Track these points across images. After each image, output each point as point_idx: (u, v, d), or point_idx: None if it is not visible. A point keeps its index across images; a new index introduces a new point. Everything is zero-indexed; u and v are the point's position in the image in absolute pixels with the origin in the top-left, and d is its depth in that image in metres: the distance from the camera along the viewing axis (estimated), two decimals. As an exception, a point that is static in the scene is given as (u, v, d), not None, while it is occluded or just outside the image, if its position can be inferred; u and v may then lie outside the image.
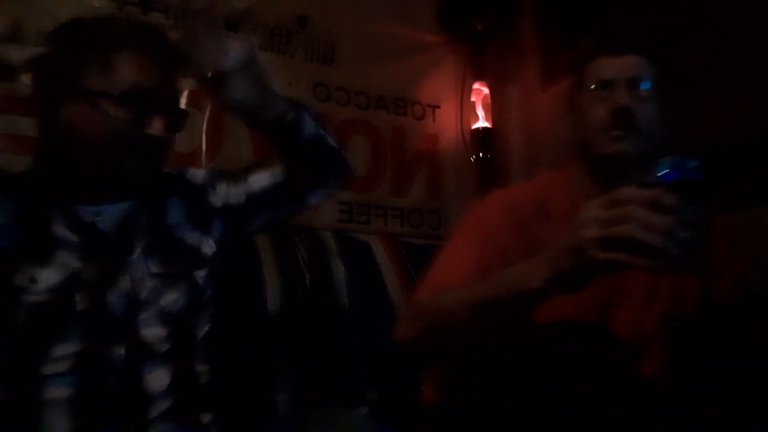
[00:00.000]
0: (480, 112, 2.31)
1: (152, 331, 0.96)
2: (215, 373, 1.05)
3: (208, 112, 1.86)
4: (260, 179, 1.14)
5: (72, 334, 0.90)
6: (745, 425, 1.02)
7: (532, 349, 0.99)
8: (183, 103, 1.08)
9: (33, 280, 0.90)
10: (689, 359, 1.18)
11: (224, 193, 1.13)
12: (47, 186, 0.98)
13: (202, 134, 1.85)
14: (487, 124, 2.31)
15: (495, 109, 2.34)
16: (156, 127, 0.96)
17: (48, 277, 0.91)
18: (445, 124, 2.31)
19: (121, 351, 0.92)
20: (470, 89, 2.32)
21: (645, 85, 1.09)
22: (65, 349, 0.89)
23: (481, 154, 2.29)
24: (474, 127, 2.32)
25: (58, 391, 0.88)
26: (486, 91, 2.32)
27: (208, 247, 1.09)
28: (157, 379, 0.94)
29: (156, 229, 1.03)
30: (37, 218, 0.95)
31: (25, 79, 1.03)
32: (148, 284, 0.98)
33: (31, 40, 1.66)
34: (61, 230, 0.95)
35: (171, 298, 0.99)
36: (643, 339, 1.09)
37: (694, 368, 1.15)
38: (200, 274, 1.05)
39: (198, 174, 1.15)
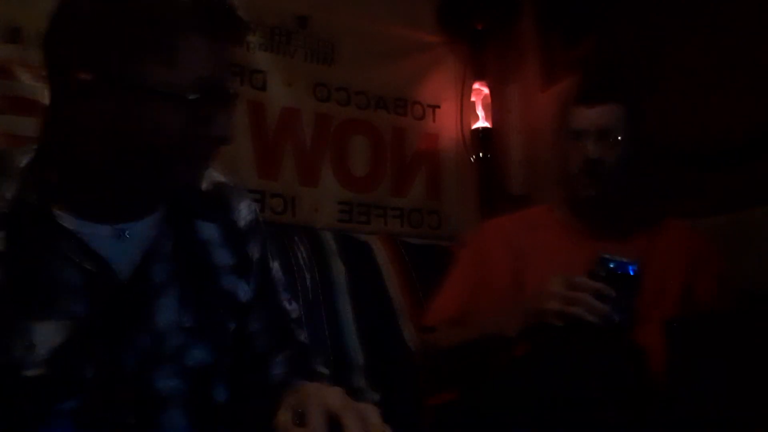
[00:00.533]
0: (480, 112, 2.31)
1: (168, 386, 0.81)
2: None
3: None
4: (258, 320, 0.94)
5: (76, 398, 0.75)
6: (744, 425, 1.02)
7: (536, 351, 1.04)
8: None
9: (30, 347, 0.73)
10: (690, 360, 1.18)
11: (266, 264, 0.96)
12: (53, 200, 0.78)
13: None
14: (487, 124, 2.31)
15: (495, 109, 2.34)
16: (221, 124, 0.78)
17: (47, 337, 0.74)
18: (445, 124, 2.31)
19: (131, 417, 0.78)
20: (470, 89, 2.32)
21: (615, 134, 1.18)
22: (64, 406, 0.75)
23: (481, 154, 2.29)
24: (474, 127, 2.31)
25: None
26: (486, 91, 2.32)
27: (244, 293, 0.91)
28: (170, 421, 0.81)
29: (189, 261, 0.86)
30: (27, 256, 0.76)
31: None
32: (174, 341, 0.81)
33: (31, 40, 1.68)
34: (58, 268, 0.76)
35: (197, 356, 0.83)
36: (645, 340, 1.13)
37: (695, 369, 1.15)
38: (231, 327, 0.89)
39: (244, 210, 0.95)
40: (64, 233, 0.77)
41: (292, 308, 0.98)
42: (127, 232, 0.81)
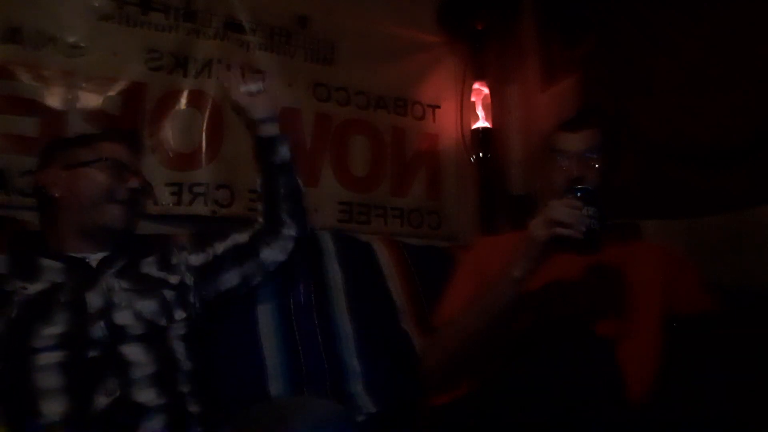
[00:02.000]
0: (480, 112, 2.31)
1: (127, 321, 1.15)
2: (196, 357, 1.21)
3: (207, 113, 1.86)
4: (224, 244, 1.39)
5: (57, 319, 1.11)
6: (744, 426, 1.02)
7: (527, 355, 1.10)
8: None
9: (24, 287, 1.14)
10: (689, 361, 1.19)
11: (184, 258, 1.35)
12: (45, 240, 1.27)
13: (201, 134, 1.85)
14: (487, 124, 2.31)
15: (495, 109, 2.34)
16: (134, 182, 1.27)
17: (35, 287, 1.15)
18: (445, 124, 2.31)
19: (97, 332, 1.12)
20: (470, 89, 2.32)
21: (596, 154, 1.31)
22: (51, 330, 1.09)
23: (481, 154, 2.29)
24: (474, 127, 2.31)
25: (47, 358, 1.07)
26: (486, 91, 2.32)
27: (174, 278, 1.29)
28: (134, 353, 1.12)
29: (129, 266, 1.26)
30: (29, 256, 1.22)
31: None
32: (121, 294, 1.19)
33: (31, 40, 1.68)
34: (47, 261, 1.20)
35: (144, 305, 1.19)
36: (621, 337, 1.21)
37: (695, 369, 1.15)
38: (168, 294, 1.25)
39: (171, 245, 1.41)
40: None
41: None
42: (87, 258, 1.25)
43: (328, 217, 2.02)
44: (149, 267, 1.30)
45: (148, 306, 1.20)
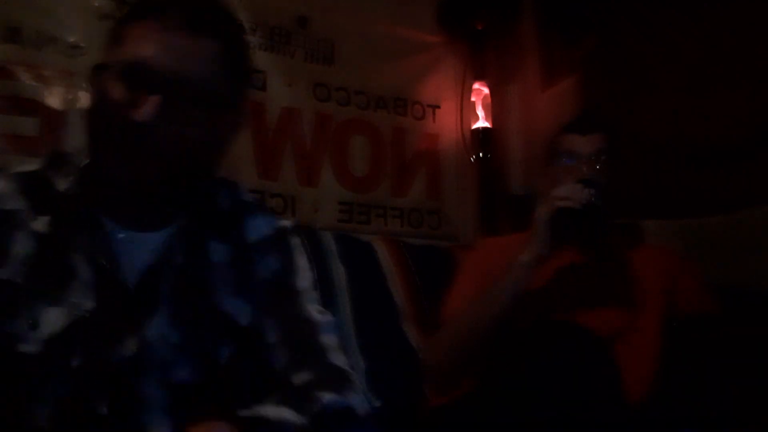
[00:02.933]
0: (480, 112, 2.31)
1: (152, 393, 0.82)
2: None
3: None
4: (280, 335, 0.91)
5: (59, 389, 0.79)
6: (744, 425, 1.02)
7: (526, 354, 1.10)
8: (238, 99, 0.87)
9: (34, 324, 0.79)
10: (689, 360, 1.19)
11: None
12: (85, 194, 0.84)
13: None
14: (487, 124, 2.31)
15: (495, 109, 2.34)
16: (146, 110, 0.76)
17: (51, 321, 0.79)
18: (445, 124, 2.31)
19: (104, 408, 0.79)
20: (470, 89, 2.32)
21: (603, 156, 1.34)
22: (49, 392, 0.79)
23: (481, 154, 2.29)
24: (474, 127, 2.31)
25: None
26: (486, 91, 2.32)
27: (245, 317, 0.89)
28: (155, 421, 0.82)
29: (192, 281, 0.86)
30: (60, 243, 0.82)
31: None
32: (160, 353, 0.82)
33: (31, 40, 1.68)
34: (79, 264, 0.82)
35: (182, 374, 0.83)
36: (621, 337, 1.22)
37: (694, 369, 1.15)
38: (224, 352, 0.87)
39: (258, 225, 0.94)
40: (92, 230, 0.83)
41: (323, 318, 0.93)
42: (136, 237, 0.85)
43: (328, 217, 2.02)
44: (219, 280, 0.88)
45: (186, 376, 0.83)
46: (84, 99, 1.72)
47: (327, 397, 0.80)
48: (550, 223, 1.21)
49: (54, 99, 1.69)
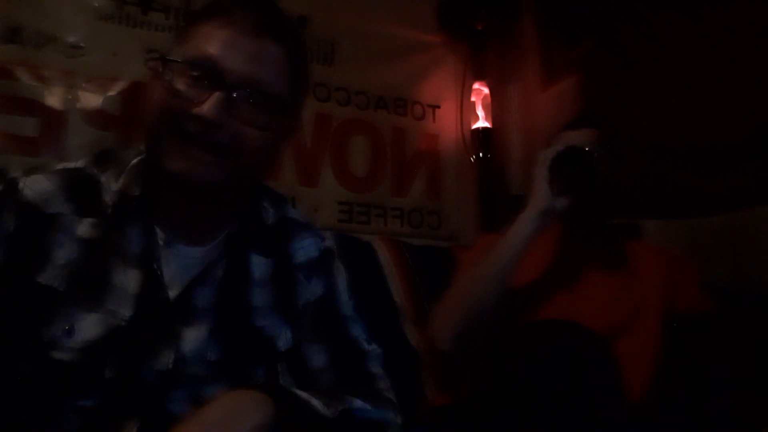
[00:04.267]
0: (480, 112, 2.31)
1: (179, 409, 0.79)
2: None
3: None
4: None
5: (91, 393, 0.78)
6: (744, 425, 1.02)
7: (526, 354, 1.09)
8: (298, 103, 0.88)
9: (70, 331, 0.77)
10: (690, 360, 1.19)
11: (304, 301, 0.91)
12: (138, 195, 0.83)
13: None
14: (487, 124, 2.31)
15: (495, 109, 2.34)
16: (210, 106, 0.75)
17: (87, 328, 0.77)
18: (445, 124, 2.31)
19: (134, 424, 0.78)
20: (470, 89, 2.32)
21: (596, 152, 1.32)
22: (80, 403, 0.78)
23: (481, 154, 2.29)
24: (474, 127, 2.31)
25: None
26: (486, 91, 2.32)
27: (283, 339, 0.88)
28: None
29: (232, 295, 0.85)
30: (105, 248, 0.80)
31: None
32: (195, 370, 0.81)
33: (31, 40, 1.68)
34: (120, 272, 0.80)
35: (213, 391, 0.78)
36: (621, 336, 1.22)
37: (694, 369, 1.15)
38: (259, 372, 0.86)
39: (305, 247, 0.93)
40: (138, 237, 0.81)
41: (371, 348, 0.94)
42: (182, 249, 0.83)
43: (328, 217, 2.02)
44: (260, 297, 0.87)
45: (216, 390, 0.76)
46: (84, 100, 1.73)
47: (358, 402, 0.80)
48: (551, 169, 1.21)
49: (54, 99, 1.69)
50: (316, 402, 0.77)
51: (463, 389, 1.24)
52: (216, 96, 0.75)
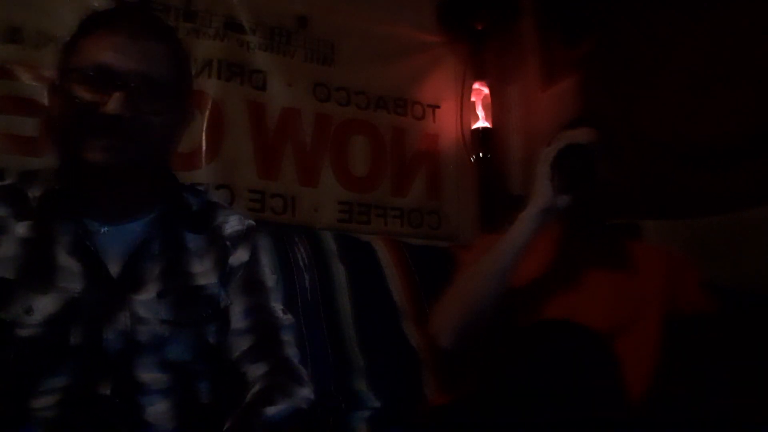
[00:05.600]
0: (480, 112, 2.31)
1: (150, 376, 0.90)
2: (220, 394, 0.99)
3: (208, 113, 1.86)
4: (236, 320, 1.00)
5: (62, 369, 0.86)
6: (744, 425, 1.02)
7: (526, 353, 1.09)
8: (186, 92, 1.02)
9: (29, 310, 0.86)
10: (689, 360, 1.19)
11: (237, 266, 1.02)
12: (59, 196, 0.95)
13: (201, 134, 1.85)
14: (487, 124, 2.31)
15: (495, 109, 2.34)
16: (114, 104, 0.87)
17: (45, 306, 0.87)
18: (445, 124, 2.31)
19: (107, 389, 0.86)
20: (470, 89, 2.32)
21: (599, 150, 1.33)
22: (53, 383, 0.85)
23: (481, 154, 2.29)
24: (474, 127, 2.31)
25: (43, 419, 0.84)
26: (486, 91, 2.32)
27: (224, 298, 0.99)
28: (155, 410, 0.90)
29: (172, 263, 0.96)
30: (43, 243, 0.92)
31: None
32: (152, 329, 0.91)
33: (31, 40, 1.68)
34: (63, 257, 0.91)
35: (175, 350, 0.92)
36: (620, 335, 1.22)
37: (694, 369, 1.15)
38: (211, 329, 0.97)
39: (232, 221, 1.06)
40: (71, 228, 0.93)
41: (285, 317, 1.03)
42: (112, 231, 0.95)
43: (328, 217, 2.02)
44: (200, 261, 0.99)
45: (179, 353, 0.93)
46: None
47: (270, 410, 0.88)
48: (552, 166, 1.21)
49: (54, 99, 1.69)
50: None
51: (463, 389, 1.24)
52: (117, 96, 0.88)
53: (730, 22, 1.66)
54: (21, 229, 0.92)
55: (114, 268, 0.92)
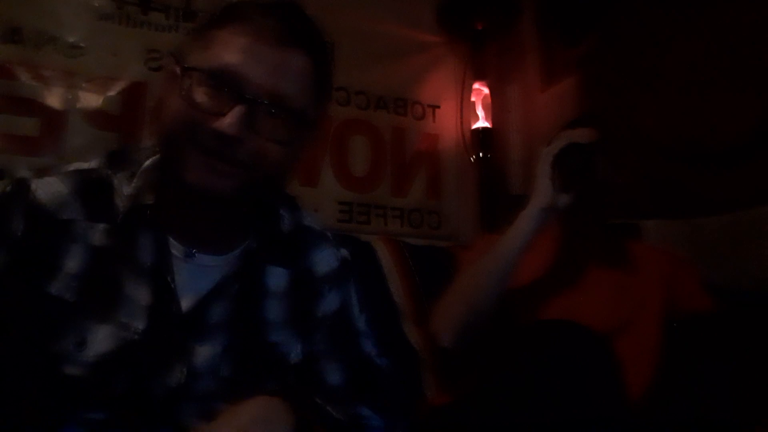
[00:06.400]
0: (480, 112, 2.31)
1: (189, 423, 0.77)
2: None
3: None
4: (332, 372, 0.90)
5: (98, 412, 0.75)
6: (744, 426, 1.02)
7: (526, 353, 1.09)
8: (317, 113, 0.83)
9: (81, 344, 0.74)
10: (689, 360, 1.19)
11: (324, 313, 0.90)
12: (152, 205, 0.79)
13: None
14: (487, 124, 2.31)
15: (495, 109, 2.34)
16: (231, 120, 0.71)
17: (99, 342, 0.75)
18: (445, 124, 2.31)
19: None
20: (470, 89, 2.32)
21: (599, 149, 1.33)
22: (89, 416, 0.76)
23: (481, 154, 2.29)
24: (474, 127, 2.31)
25: None
26: (486, 91, 2.32)
27: (296, 354, 0.86)
28: None
29: (247, 309, 0.83)
30: (117, 258, 0.77)
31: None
32: (207, 385, 0.79)
33: (31, 40, 1.68)
34: (133, 283, 0.77)
35: (225, 405, 0.76)
36: (620, 335, 1.21)
37: (694, 369, 1.15)
38: (269, 387, 0.81)
39: (326, 257, 0.92)
40: (156, 248, 0.78)
41: (380, 361, 0.94)
42: (197, 260, 0.81)
43: (328, 217, 2.02)
44: (276, 309, 0.85)
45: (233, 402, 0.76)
46: (84, 100, 1.73)
47: (366, 410, 0.82)
48: (553, 165, 1.21)
49: (54, 99, 1.69)
50: (330, 407, 0.78)
51: (463, 389, 1.24)
52: (237, 110, 0.72)
53: (730, 21, 1.66)
54: (97, 235, 0.77)
55: (185, 304, 0.79)
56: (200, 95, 0.73)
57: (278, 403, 0.72)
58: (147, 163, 0.82)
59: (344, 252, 0.95)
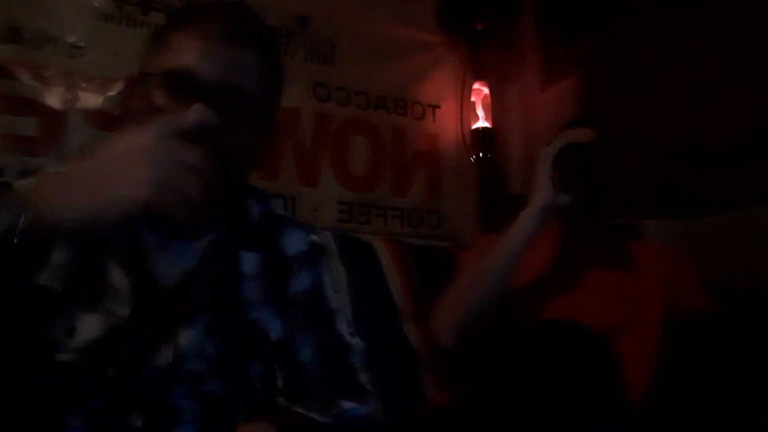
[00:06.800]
0: (480, 112, 2.31)
1: (184, 406, 0.82)
2: None
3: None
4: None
5: (94, 400, 0.79)
6: (744, 426, 1.02)
7: (526, 353, 1.09)
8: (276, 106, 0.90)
9: (71, 331, 0.79)
10: (689, 360, 1.19)
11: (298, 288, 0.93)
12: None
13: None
14: (487, 124, 2.31)
15: (495, 109, 2.34)
16: (192, 115, 0.74)
17: (88, 328, 0.79)
18: (445, 124, 2.31)
19: (138, 420, 0.80)
20: (470, 89, 2.32)
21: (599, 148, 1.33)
22: (81, 413, 0.79)
23: (481, 154, 2.29)
24: (474, 127, 2.31)
25: None
26: (486, 91, 2.32)
27: (275, 331, 0.89)
28: None
29: (223, 294, 0.87)
30: (97, 252, 0.82)
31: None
32: (194, 365, 0.82)
33: (31, 40, 1.68)
34: (115, 272, 0.82)
35: (213, 386, 0.83)
36: (620, 335, 1.21)
37: (694, 369, 1.15)
38: (255, 367, 0.88)
39: (295, 240, 0.95)
40: (130, 238, 0.83)
41: (354, 341, 0.96)
42: (171, 247, 0.85)
43: (328, 217, 2.02)
44: (253, 290, 0.89)
45: (215, 386, 0.84)
46: (84, 100, 1.73)
47: (347, 403, 0.84)
48: (553, 165, 1.21)
49: (54, 99, 1.69)
50: (314, 414, 0.80)
51: (463, 389, 1.24)
52: (195, 108, 0.75)
53: (730, 21, 1.66)
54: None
55: (165, 290, 0.84)
56: (159, 98, 0.78)
57: (267, 427, 0.75)
58: None
59: (314, 237, 0.98)
